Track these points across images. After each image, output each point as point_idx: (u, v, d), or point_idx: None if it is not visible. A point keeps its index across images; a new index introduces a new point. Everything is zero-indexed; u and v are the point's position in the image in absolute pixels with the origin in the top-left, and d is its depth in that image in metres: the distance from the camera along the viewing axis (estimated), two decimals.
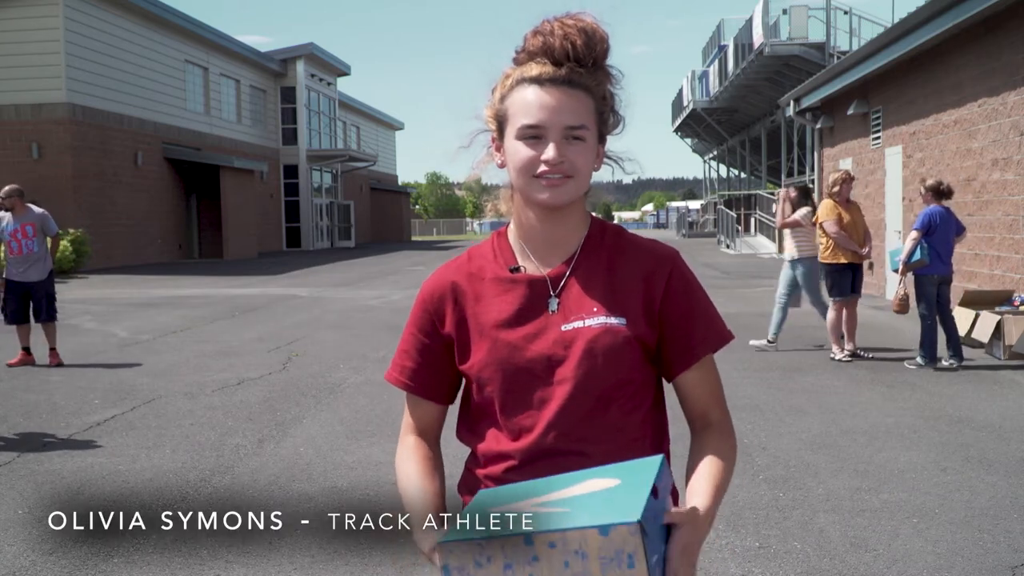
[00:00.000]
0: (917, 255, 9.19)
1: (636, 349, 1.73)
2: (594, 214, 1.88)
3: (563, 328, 1.73)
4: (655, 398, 1.81)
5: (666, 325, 1.76)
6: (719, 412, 1.81)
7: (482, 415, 1.81)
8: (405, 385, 1.88)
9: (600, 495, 1.42)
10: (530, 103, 1.70)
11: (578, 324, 1.73)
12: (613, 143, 1.84)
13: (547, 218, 1.77)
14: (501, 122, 1.76)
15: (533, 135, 1.70)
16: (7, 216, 10.44)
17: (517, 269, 1.80)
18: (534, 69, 1.72)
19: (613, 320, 1.72)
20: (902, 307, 9.40)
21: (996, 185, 12.16)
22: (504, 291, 1.79)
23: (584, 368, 1.70)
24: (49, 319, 10.47)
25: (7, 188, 10.61)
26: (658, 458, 1.51)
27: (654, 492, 1.39)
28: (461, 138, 1.86)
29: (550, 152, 1.68)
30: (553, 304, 1.75)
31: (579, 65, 1.71)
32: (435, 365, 1.85)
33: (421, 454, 1.86)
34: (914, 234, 9.23)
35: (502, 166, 1.78)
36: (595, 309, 1.73)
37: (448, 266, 1.88)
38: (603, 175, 1.86)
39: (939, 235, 9.26)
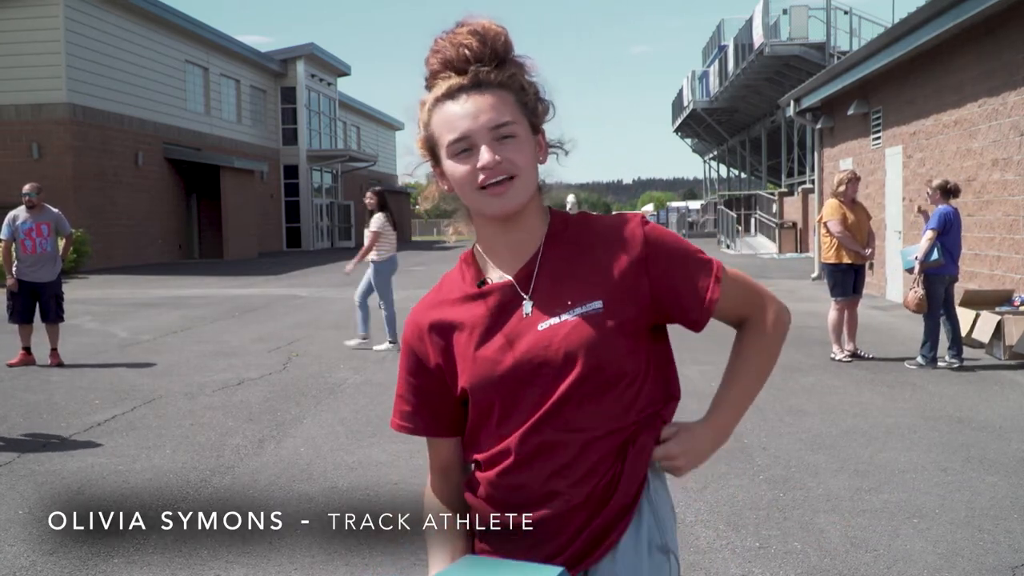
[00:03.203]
0: (934, 255, 9.17)
1: (619, 331, 1.70)
2: (566, 209, 1.86)
3: (540, 328, 1.71)
4: (652, 385, 1.77)
5: (661, 287, 1.73)
6: (754, 310, 1.85)
7: (480, 429, 1.80)
8: (407, 429, 1.89)
9: None
10: (450, 118, 1.69)
11: (554, 321, 1.71)
12: (549, 131, 1.80)
13: (506, 227, 1.75)
14: (433, 149, 1.76)
15: (463, 148, 1.68)
16: (23, 214, 10.42)
17: (484, 283, 1.79)
18: (442, 86, 1.71)
19: (588, 308, 1.70)
20: (921, 307, 9.28)
21: (996, 185, 12.16)
22: (475, 307, 1.78)
23: (570, 364, 1.68)
24: (56, 320, 10.47)
25: (34, 185, 10.58)
26: (554, 571, 1.53)
27: None
28: (407, 169, 1.85)
29: (484, 156, 1.66)
30: (527, 307, 1.74)
31: (481, 65, 1.69)
32: (432, 403, 1.85)
33: (446, 491, 1.90)
34: (930, 233, 9.19)
35: (450, 191, 1.77)
36: (569, 302, 1.71)
37: (423, 301, 1.88)
38: (604, 175, 1.85)
39: (952, 235, 9.26)
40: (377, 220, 11.17)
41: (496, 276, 1.79)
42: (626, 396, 1.72)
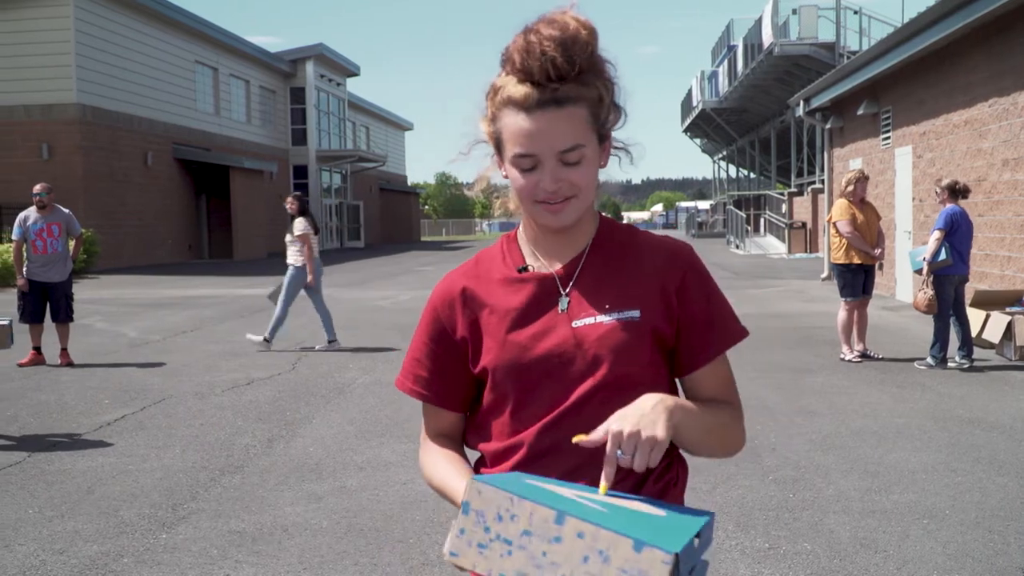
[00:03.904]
0: (942, 255, 9.14)
1: (649, 345, 1.71)
2: (604, 214, 1.86)
3: (574, 325, 1.71)
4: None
5: (684, 320, 1.74)
6: (733, 401, 1.80)
7: (492, 416, 1.78)
8: (418, 394, 1.85)
9: (644, 516, 1.39)
10: (519, 131, 1.65)
11: (589, 321, 1.71)
12: (615, 132, 1.77)
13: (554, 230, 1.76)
14: (497, 142, 1.73)
15: (527, 165, 1.66)
16: (33, 214, 10.46)
17: (525, 269, 1.78)
18: (519, 91, 1.65)
19: (626, 315, 1.70)
20: (931, 308, 9.25)
21: (1007, 185, 12.12)
22: (513, 291, 1.77)
23: (597, 366, 1.68)
24: (66, 320, 10.50)
25: (44, 185, 10.60)
26: (708, 515, 1.48)
27: (694, 541, 1.35)
28: (463, 145, 1.82)
29: (547, 183, 1.64)
30: (563, 303, 1.73)
31: (563, 81, 1.63)
32: (448, 373, 1.82)
33: (447, 450, 1.84)
34: (937, 234, 9.16)
35: (507, 178, 1.75)
36: (607, 306, 1.71)
37: (457, 271, 1.86)
38: (612, 174, 1.83)
39: (960, 235, 9.22)
40: (300, 224, 11.33)
41: (537, 264, 1.78)
42: None
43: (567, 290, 1.75)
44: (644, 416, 1.53)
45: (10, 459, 6.36)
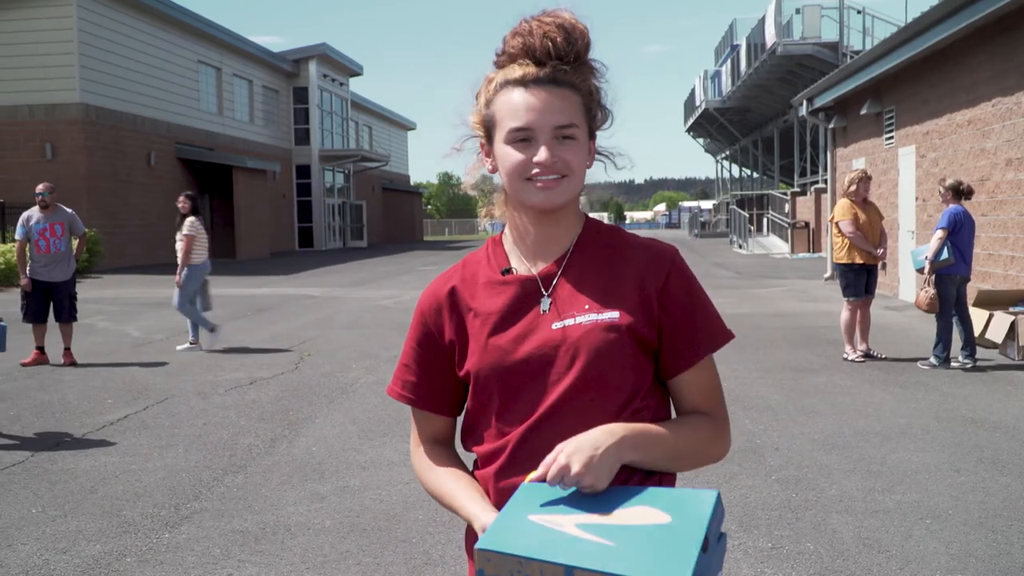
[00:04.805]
0: (944, 254, 9.14)
1: (630, 346, 1.69)
2: (591, 215, 1.86)
3: (554, 327, 1.71)
4: (659, 400, 1.76)
5: (665, 323, 1.73)
6: (717, 409, 1.78)
7: (479, 418, 1.79)
8: (408, 399, 1.86)
9: (649, 533, 1.39)
10: (516, 105, 1.69)
11: (568, 322, 1.70)
12: (602, 139, 1.81)
13: (540, 220, 1.76)
14: (489, 127, 1.75)
15: (522, 137, 1.69)
16: (36, 214, 10.47)
17: (508, 271, 1.79)
18: (517, 71, 1.71)
19: (605, 316, 1.69)
20: (933, 307, 9.24)
21: (1010, 185, 12.11)
22: (496, 294, 1.77)
23: (575, 367, 1.68)
24: (70, 319, 10.52)
25: (47, 184, 10.61)
26: (713, 495, 1.47)
27: (704, 545, 1.35)
28: (455, 143, 1.85)
29: (542, 154, 1.67)
30: (545, 304, 1.74)
31: (561, 62, 1.70)
32: (437, 378, 1.83)
33: (448, 466, 1.83)
34: (940, 233, 9.16)
35: (493, 171, 1.78)
36: (587, 307, 1.71)
37: (443, 275, 1.87)
38: (615, 175, 1.84)
39: (963, 235, 9.22)
40: (190, 224, 11.42)
41: (521, 267, 1.79)
42: (630, 408, 1.70)
43: (549, 291, 1.75)
44: (590, 457, 1.55)
45: (13, 458, 6.37)
